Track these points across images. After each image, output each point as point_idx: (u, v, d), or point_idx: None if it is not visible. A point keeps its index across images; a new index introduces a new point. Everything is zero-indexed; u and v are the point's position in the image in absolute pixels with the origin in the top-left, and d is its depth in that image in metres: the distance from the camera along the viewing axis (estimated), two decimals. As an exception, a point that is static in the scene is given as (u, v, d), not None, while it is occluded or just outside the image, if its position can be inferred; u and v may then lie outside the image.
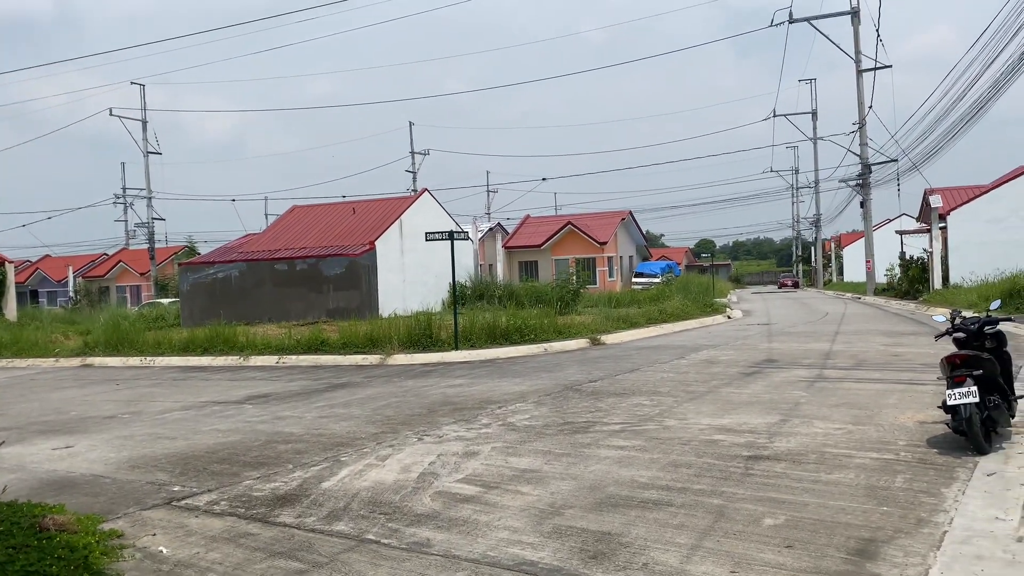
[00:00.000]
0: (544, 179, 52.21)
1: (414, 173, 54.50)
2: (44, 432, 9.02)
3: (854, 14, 36.04)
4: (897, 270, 34.63)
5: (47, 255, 60.02)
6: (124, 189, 55.20)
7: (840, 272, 67.77)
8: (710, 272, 52.36)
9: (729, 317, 25.16)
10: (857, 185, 37.55)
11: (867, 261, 38.02)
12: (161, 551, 4.78)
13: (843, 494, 5.36)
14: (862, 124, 36.35)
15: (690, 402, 8.97)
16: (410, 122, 54.60)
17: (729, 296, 46.11)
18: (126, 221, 56.80)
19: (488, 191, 70.37)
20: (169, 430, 8.81)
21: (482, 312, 19.86)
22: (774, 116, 55.99)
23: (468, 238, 17.63)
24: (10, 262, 33.67)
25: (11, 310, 32.42)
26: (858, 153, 37.00)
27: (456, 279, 17.10)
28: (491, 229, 48.56)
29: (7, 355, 19.73)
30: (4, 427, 9.50)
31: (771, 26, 36.16)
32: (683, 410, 8.49)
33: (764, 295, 51.91)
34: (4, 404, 11.64)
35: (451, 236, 15.97)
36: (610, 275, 46.87)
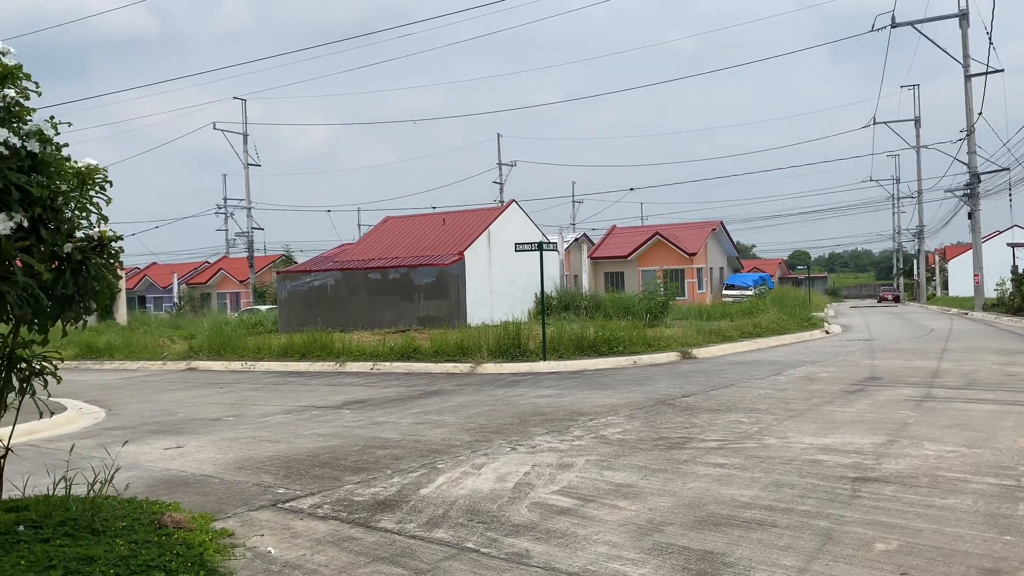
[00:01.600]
0: (631, 189, 51.64)
1: (501, 184, 55.09)
2: (156, 432, 9.57)
3: (962, 16, 34.14)
4: (1009, 284, 32.67)
5: (154, 263, 63.91)
6: (225, 199, 58.18)
7: (944, 286, 64.26)
8: (805, 285, 50.58)
9: (827, 332, 24.23)
10: (965, 195, 35.48)
11: (975, 275, 35.82)
12: (270, 551, 4.96)
13: (960, 520, 5.07)
14: (970, 131, 34.33)
15: (790, 420, 8.69)
16: (498, 134, 55.29)
17: (826, 310, 44.39)
18: (227, 230, 59.86)
19: (574, 201, 70.51)
20: (271, 433, 9.18)
21: (568, 323, 19.85)
22: (874, 124, 53.67)
23: (555, 249, 17.67)
24: (122, 269, 35.94)
25: (122, 315, 34.62)
26: (966, 162, 34.97)
27: (544, 289, 17.13)
28: (576, 239, 48.42)
29: (119, 357, 21.06)
30: (120, 426, 10.15)
31: (872, 31, 34.74)
32: (783, 428, 8.23)
33: (863, 309, 49.69)
34: (118, 404, 12.43)
35: (540, 247, 16.05)
36: (699, 287, 45.93)
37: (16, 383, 4.66)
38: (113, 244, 4.74)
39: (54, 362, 4.80)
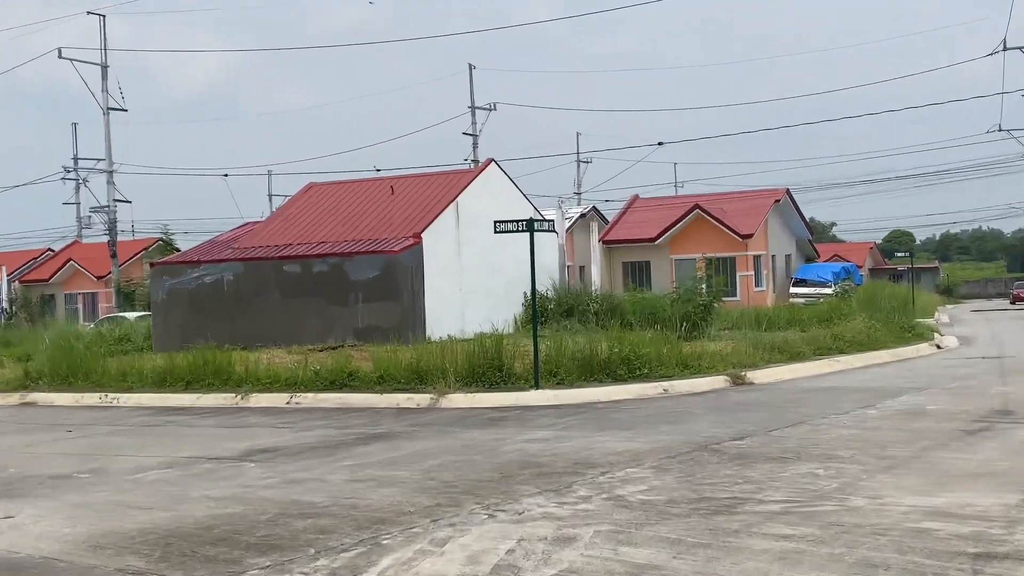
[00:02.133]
0: (660, 144, 51.59)
1: (475, 137, 55.14)
2: (-21, 494, 9.48)
3: None
4: None
5: (-31, 251, 62.89)
6: (76, 159, 57.48)
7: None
8: (907, 279, 51.03)
9: (939, 346, 24.45)
10: None
11: None
12: None
13: None
14: None
15: (886, 472, 8.76)
16: (470, 65, 55.20)
17: (937, 315, 44.71)
18: (78, 204, 59.27)
19: (579, 161, 70.75)
20: (143, 497, 9.13)
21: (572, 335, 19.89)
22: (1004, 50, 54.07)
23: (553, 229, 17.75)
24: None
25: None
26: None
27: (536, 287, 17.19)
28: (583, 215, 48.64)
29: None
30: (-73, 485, 10.04)
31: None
32: (875, 484, 8.29)
33: (989, 314, 50.21)
34: (-75, 454, 12.30)
35: (531, 226, 16.08)
36: (757, 283, 46.27)
37: None
38: None
39: None
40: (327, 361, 18.40)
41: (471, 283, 27.07)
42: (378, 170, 51.30)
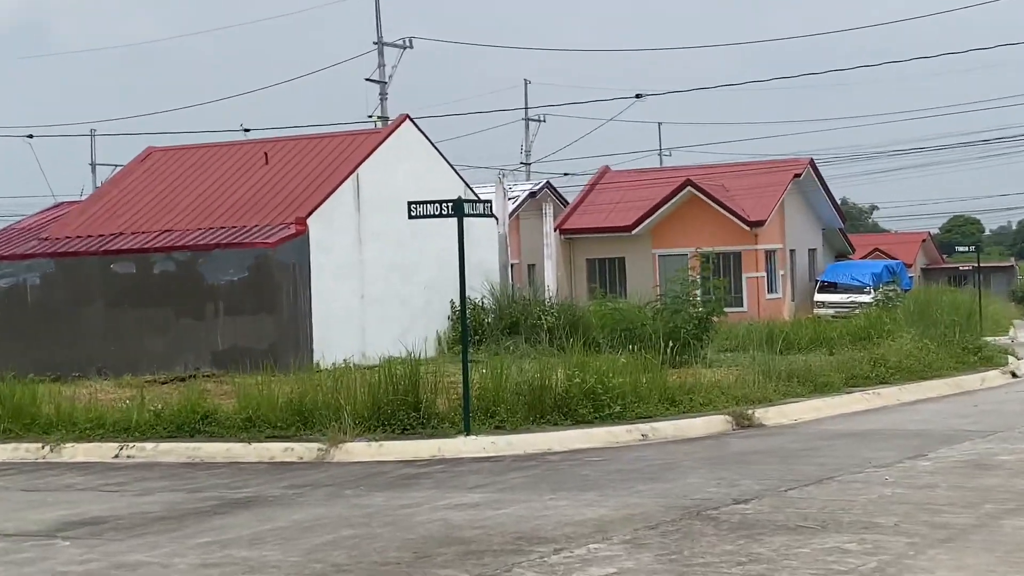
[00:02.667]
0: (639, 96, 51.65)
1: (383, 85, 54.96)
2: None
3: None
4: None
5: None
6: None
7: None
8: (973, 282, 51.87)
9: (1015, 374, 24.82)
10: None
11: None
12: None
13: None
14: None
15: (941, 546, 8.87)
16: (375, -15, 54.99)
17: (1013, 331, 45.25)
18: None
19: (527, 120, 70.82)
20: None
21: (517, 359, 19.87)
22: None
23: (491, 214, 17.74)
24: None
25: None
26: None
27: (466, 294, 17.16)
28: (533, 195, 48.82)
29: None
30: None
31: None
32: (927, 563, 8.39)
33: (1082, 329, 51.11)
34: None
35: (460, 210, 16.05)
36: (770, 287, 46.79)
37: None
38: None
39: None
40: (173, 397, 18.12)
41: (377, 289, 26.94)
42: (247, 130, 50.85)
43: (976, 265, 47.66)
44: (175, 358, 24.51)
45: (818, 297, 49.33)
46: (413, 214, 16.58)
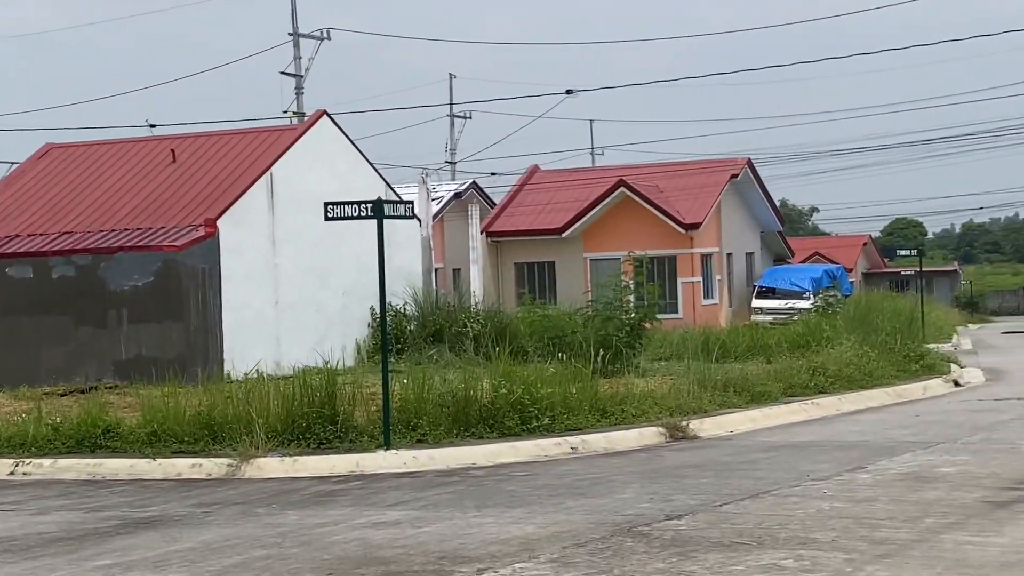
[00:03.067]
0: (570, 92, 51.72)
1: (299, 79, 54.74)
2: None
3: None
4: None
5: None
6: None
7: None
8: (915, 287, 52.62)
9: (957, 383, 25.20)
10: None
11: None
12: None
13: None
14: None
15: (880, 562, 8.97)
16: (290, -29, 54.73)
17: (957, 339, 46.06)
18: None
19: (452, 116, 70.81)
20: None
21: (441, 369, 19.90)
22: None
23: (413, 215, 17.71)
24: None
25: None
26: None
27: (387, 300, 17.13)
28: (459, 195, 48.77)
29: None
30: None
31: None
32: (865, 580, 8.49)
33: (1027, 336, 52.02)
34: None
35: (380, 211, 16.02)
36: (706, 293, 47.13)
37: None
38: None
39: None
40: (73, 410, 17.94)
41: (293, 295, 26.79)
42: (153, 126, 50.22)
43: (919, 269, 48.14)
44: (75, 368, 24.18)
45: (756, 303, 49.73)
46: (330, 216, 16.50)
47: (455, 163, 70.56)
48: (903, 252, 58.80)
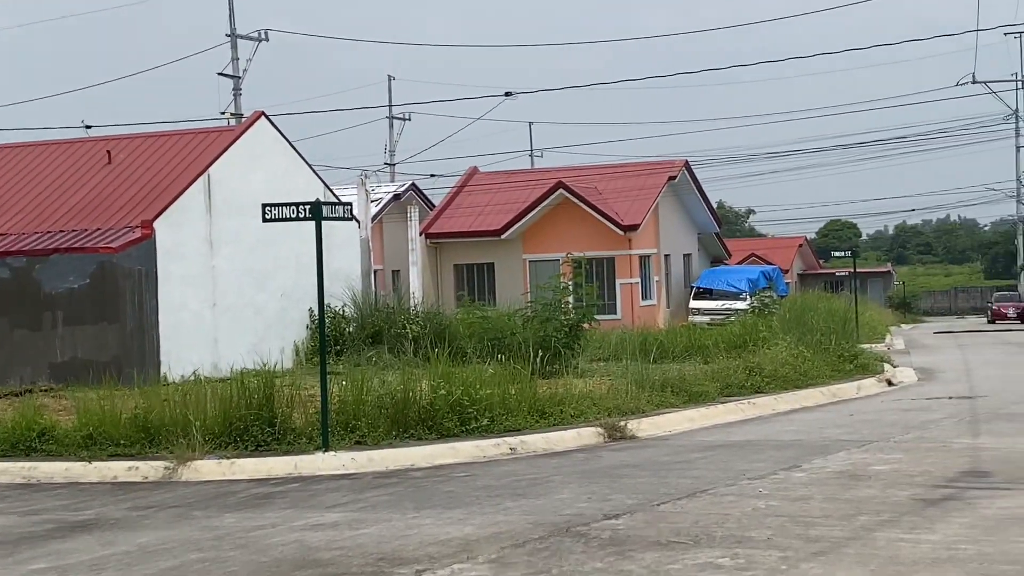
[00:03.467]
0: (509, 95, 51.92)
1: (236, 80, 54.46)
2: None
3: None
4: None
5: None
6: None
7: None
8: (849, 288, 53.12)
9: (890, 382, 25.46)
10: None
11: None
12: None
13: None
14: None
15: (814, 560, 9.05)
16: (228, -27, 54.48)
17: (890, 339, 46.57)
18: None
19: (391, 118, 70.66)
20: None
21: (380, 371, 19.88)
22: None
23: (352, 216, 17.67)
24: None
25: None
26: None
27: (326, 302, 17.08)
28: (397, 197, 48.71)
29: None
30: None
31: None
32: (800, 577, 8.56)
33: (959, 337, 52.67)
34: None
35: (318, 212, 15.97)
36: (644, 294, 47.34)
37: None
38: None
39: None
40: (7, 413, 17.81)
41: (231, 297, 26.69)
42: (88, 127, 49.92)
43: (853, 270, 48.45)
44: (10, 371, 24.04)
45: (693, 304, 50.00)
46: (268, 217, 16.43)
47: (394, 165, 70.46)
48: (838, 253, 59.50)
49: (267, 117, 29.32)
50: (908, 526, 10.22)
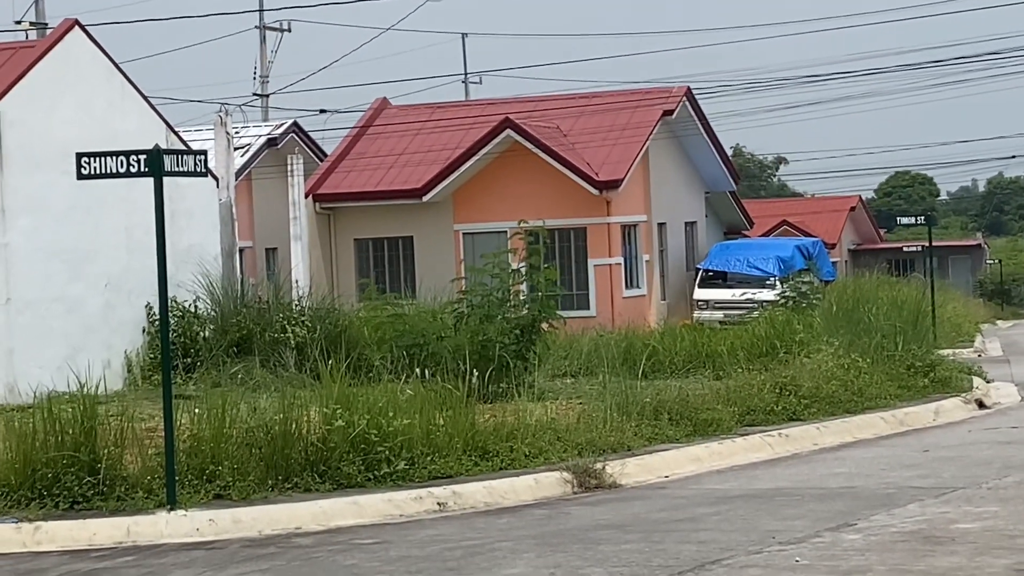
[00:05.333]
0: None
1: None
2: None
3: None
4: None
5: None
6: None
7: None
8: (923, 269, 53.31)
9: (982, 404, 25.48)
10: None
11: None
12: None
13: None
14: None
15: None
16: None
17: (981, 341, 46.75)
18: None
19: (262, 28, 70.07)
20: None
21: (250, 392, 19.85)
22: None
23: (206, 170, 17.56)
24: None
25: None
26: None
27: (170, 295, 16.99)
28: (273, 142, 48.52)
29: None
30: None
31: None
32: None
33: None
34: None
35: (157, 165, 15.86)
36: (629, 280, 47.35)
37: None
38: None
39: None
40: None
41: (32, 289, 26.47)
42: None
43: (927, 244, 48.31)
44: None
45: (699, 294, 49.94)
46: (85, 172, 16.30)
47: (267, 96, 70.05)
48: (906, 220, 59.14)
49: (83, 28, 29.02)
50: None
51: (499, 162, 46.69)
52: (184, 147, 24.16)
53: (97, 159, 16.28)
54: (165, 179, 16.07)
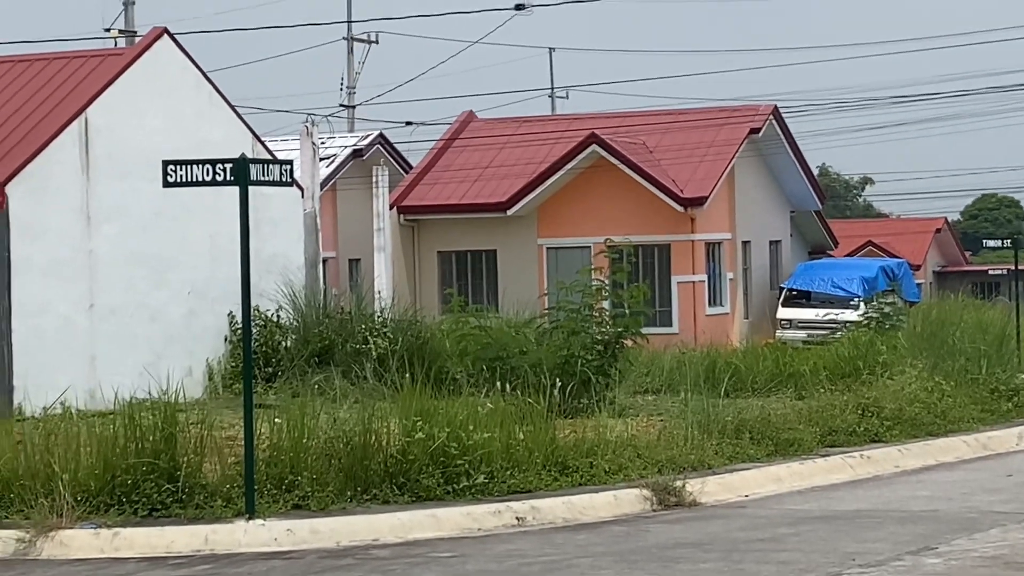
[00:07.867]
0: (521, 7, 51.79)
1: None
2: None
3: None
4: None
5: None
6: None
7: None
8: (1008, 292, 52.87)
9: (1070, 430, 25.26)
10: None
11: None
12: None
13: None
14: None
15: None
16: None
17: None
18: None
19: (350, 39, 70.44)
20: None
21: (330, 403, 19.87)
22: None
23: (292, 180, 17.62)
24: None
25: None
26: None
27: (254, 304, 17.02)
28: (358, 153, 48.61)
29: None
30: None
31: None
32: None
33: None
34: None
35: (243, 173, 15.91)
36: (713, 298, 47.24)
37: None
38: None
39: None
40: None
41: (116, 295, 26.61)
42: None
43: (1014, 267, 47.91)
44: None
45: (783, 313, 49.79)
46: (172, 180, 16.37)
47: (354, 107, 70.33)
48: (992, 243, 58.63)
49: (172, 36, 29.18)
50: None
51: (584, 177, 46.71)
52: (271, 157, 24.21)
53: (183, 167, 16.35)
54: (250, 188, 16.12)
